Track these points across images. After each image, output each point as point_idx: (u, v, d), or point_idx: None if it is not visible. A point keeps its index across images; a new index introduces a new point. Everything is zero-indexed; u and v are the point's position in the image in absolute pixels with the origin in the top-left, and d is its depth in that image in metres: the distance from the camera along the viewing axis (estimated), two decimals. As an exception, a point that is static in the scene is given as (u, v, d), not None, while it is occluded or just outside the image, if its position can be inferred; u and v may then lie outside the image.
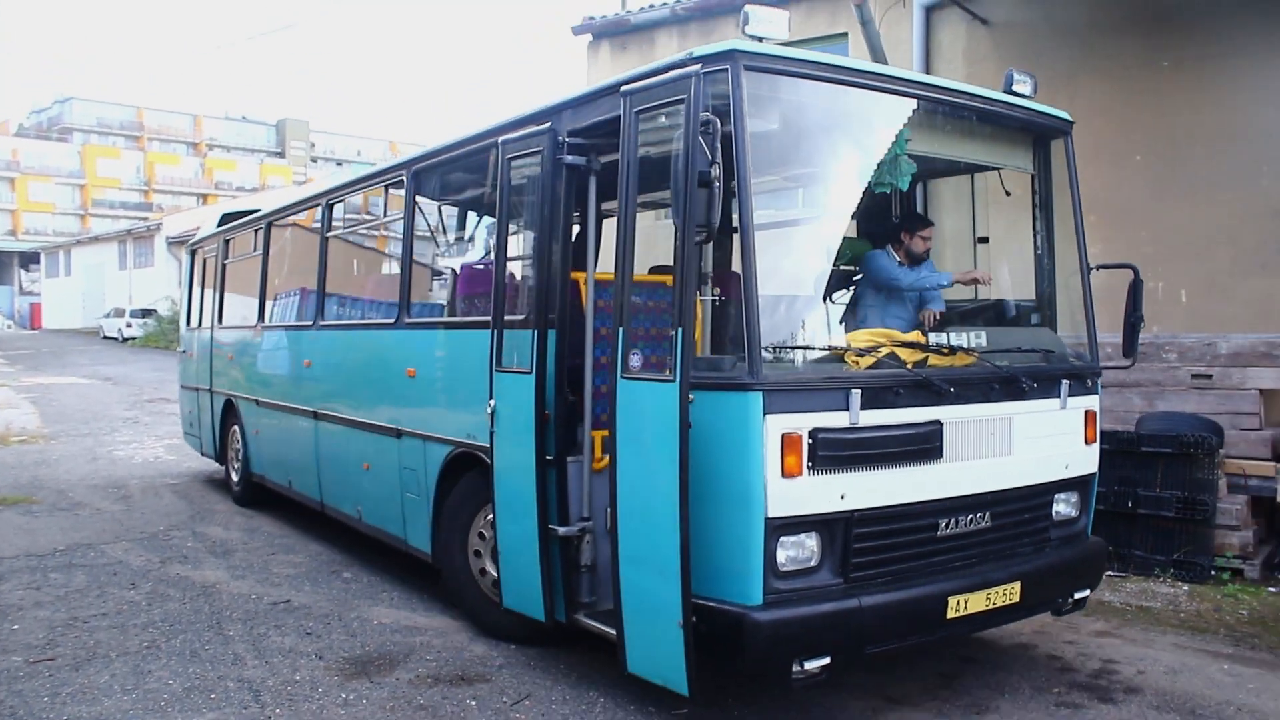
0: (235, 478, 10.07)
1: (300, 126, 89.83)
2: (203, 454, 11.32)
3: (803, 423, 4.09)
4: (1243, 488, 7.32)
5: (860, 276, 5.64)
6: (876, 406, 4.28)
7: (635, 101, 4.24)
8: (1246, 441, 7.45)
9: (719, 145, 3.93)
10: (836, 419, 4.17)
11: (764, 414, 4.01)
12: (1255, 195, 8.40)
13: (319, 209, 7.99)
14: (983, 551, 4.71)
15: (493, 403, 5.23)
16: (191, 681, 5.07)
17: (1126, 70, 8.79)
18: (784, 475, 4.04)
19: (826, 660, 4.13)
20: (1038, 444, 4.90)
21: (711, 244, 4.14)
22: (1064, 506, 5.15)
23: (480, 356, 5.48)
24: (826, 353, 4.36)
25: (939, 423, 4.45)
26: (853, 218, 5.21)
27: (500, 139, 5.29)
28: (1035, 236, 5.54)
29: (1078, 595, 5.15)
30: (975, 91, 4.95)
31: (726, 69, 4.06)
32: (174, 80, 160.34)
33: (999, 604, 4.64)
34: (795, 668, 4.08)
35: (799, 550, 4.18)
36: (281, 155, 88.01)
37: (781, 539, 4.10)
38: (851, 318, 5.39)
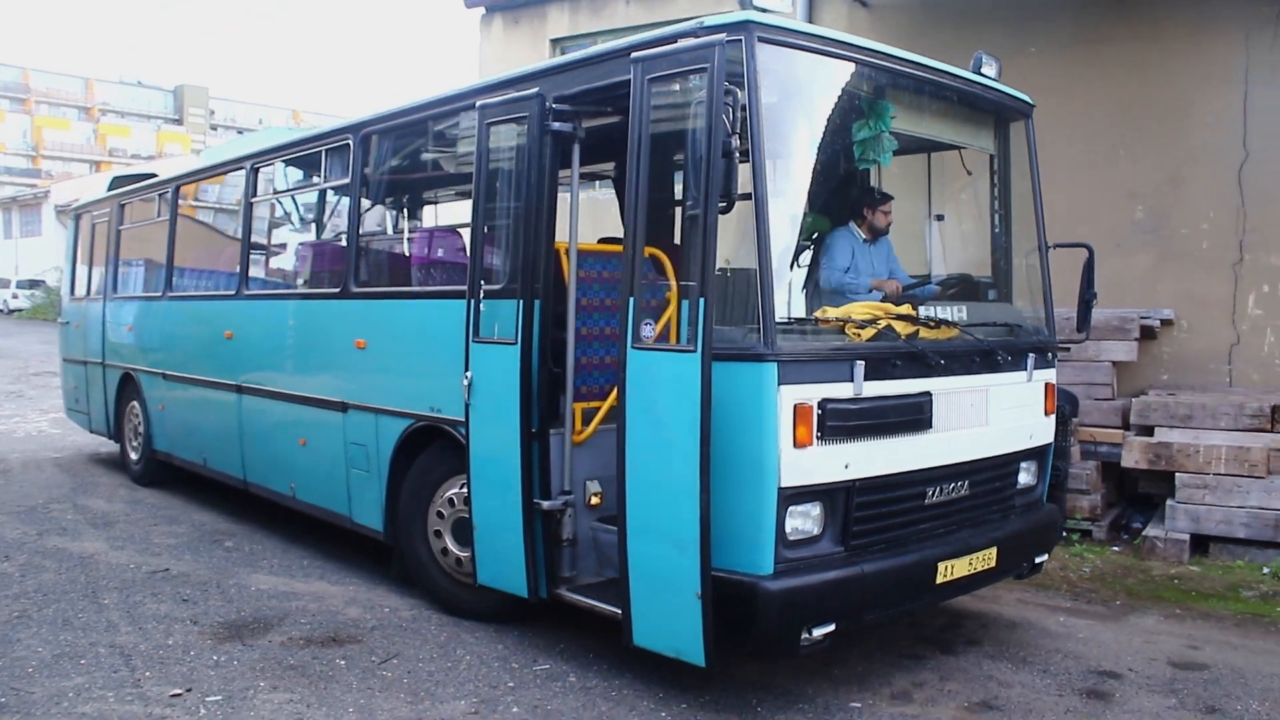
0: (135, 456, 9.51)
1: (199, 93, 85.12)
2: (91, 430, 10.66)
3: (813, 393, 4.13)
4: (1094, 454, 7.89)
5: (815, 251, 5.73)
6: (877, 378, 4.35)
7: (648, 69, 4.17)
8: (1100, 410, 8.03)
9: (736, 116, 3.92)
10: (842, 390, 4.23)
11: (778, 385, 4.03)
12: (1113, 177, 8.88)
13: (243, 173, 7.58)
14: (962, 518, 4.87)
15: (469, 375, 5.09)
16: (61, 649, 5.05)
17: (995, 55, 9.16)
18: (795, 445, 4.08)
19: (832, 627, 4.21)
20: (1008, 415, 5.09)
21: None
22: (1026, 475, 5.37)
23: (449, 327, 5.33)
24: (831, 325, 4.39)
25: (929, 394, 4.57)
26: (834, 193, 5.27)
27: (478, 103, 5.12)
28: (994, 215, 5.72)
29: (1038, 559, 5.39)
30: (957, 72, 5.07)
31: (741, 39, 4.03)
32: (64, 41, 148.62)
33: (979, 569, 4.81)
34: (804, 635, 4.14)
35: (805, 520, 4.23)
36: (179, 122, 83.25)
37: (791, 509, 4.14)
38: (814, 293, 5.45)
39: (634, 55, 4.23)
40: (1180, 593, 6.41)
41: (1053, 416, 5.48)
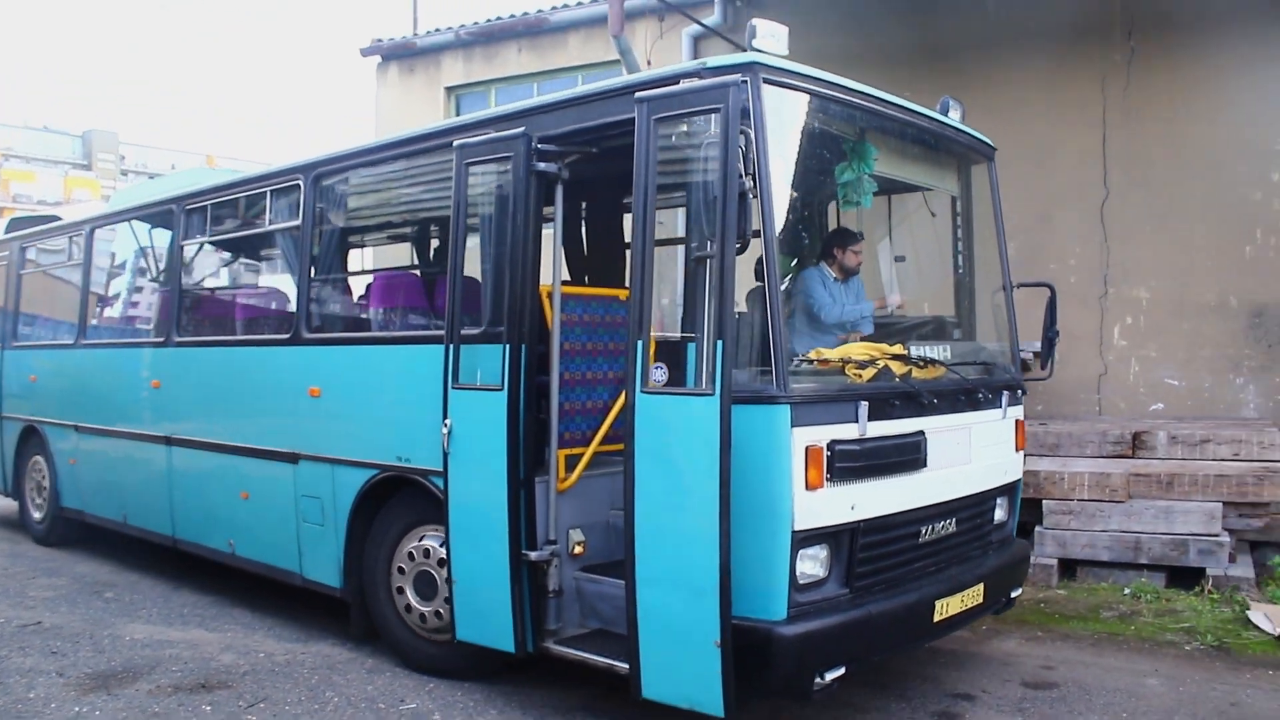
0: (38, 514, 8.88)
1: (108, 138, 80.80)
2: (-17, 489, 9.94)
3: (822, 435, 4.10)
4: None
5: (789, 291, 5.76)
6: (877, 418, 4.35)
7: (655, 109, 4.11)
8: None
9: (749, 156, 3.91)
10: (848, 431, 4.21)
11: (791, 427, 3.99)
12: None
13: (173, 214, 7.21)
14: (950, 556, 4.90)
15: (449, 422, 4.89)
16: (-90, 709, 4.86)
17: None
18: (807, 488, 4.04)
19: (842, 670, 4.15)
20: (986, 452, 5.16)
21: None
22: (1000, 511, 5.44)
23: (420, 373, 5.17)
24: (831, 365, 4.38)
25: (923, 433, 4.60)
26: (807, 233, 5.32)
27: (456, 142, 4.99)
28: (957, 256, 5.84)
29: (1013, 594, 5.45)
30: (933, 115, 5.17)
31: (747, 80, 4.02)
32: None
33: (969, 605, 4.83)
34: (816, 680, 4.07)
35: (814, 563, 4.18)
36: (88, 168, 79.01)
37: (801, 552, 4.08)
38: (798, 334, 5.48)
39: (639, 95, 4.17)
40: (1045, 615, 6.58)
41: (1022, 453, 5.59)
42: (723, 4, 10.14)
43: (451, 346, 4.92)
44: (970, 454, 4.99)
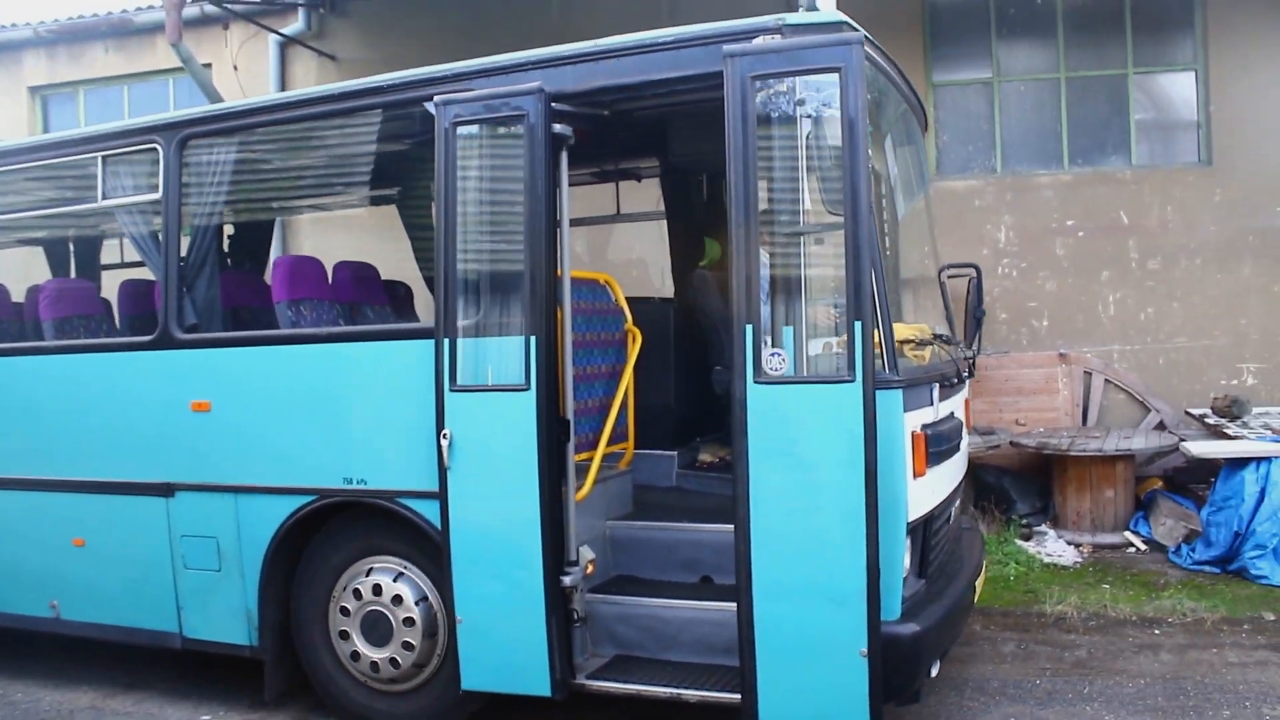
0: None
1: None
2: None
3: (916, 420, 3.90)
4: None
5: None
6: (940, 401, 4.23)
7: (752, 65, 3.65)
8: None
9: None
10: (926, 415, 4.05)
11: (903, 412, 3.75)
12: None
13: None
14: (953, 541, 4.88)
15: (448, 432, 4.12)
16: None
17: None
18: (915, 476, 3.82)
19: (939, 664, 4.00)
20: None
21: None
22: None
23: (387, 375, 4.40)
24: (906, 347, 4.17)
25: (954, 414, 4.54)
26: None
27: (439, 98, 4.19)
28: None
29: (980, 579, 5.55)
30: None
31: (864, 42, 3.68)
32: None
33: (979, 589, 4.84)
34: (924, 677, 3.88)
35: (908, 556, 3.97)
36: None
37: (908, 544, 3.87)
38: None
39: (729, 50, 3.69)
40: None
41: (972, 433, 5.72)
42: (306, 13, 10.05)
43: (447, 341, 4.14)
44: (963, 435, 5.01)
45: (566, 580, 4.10)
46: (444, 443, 4.12)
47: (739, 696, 3.75)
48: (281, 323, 4.92)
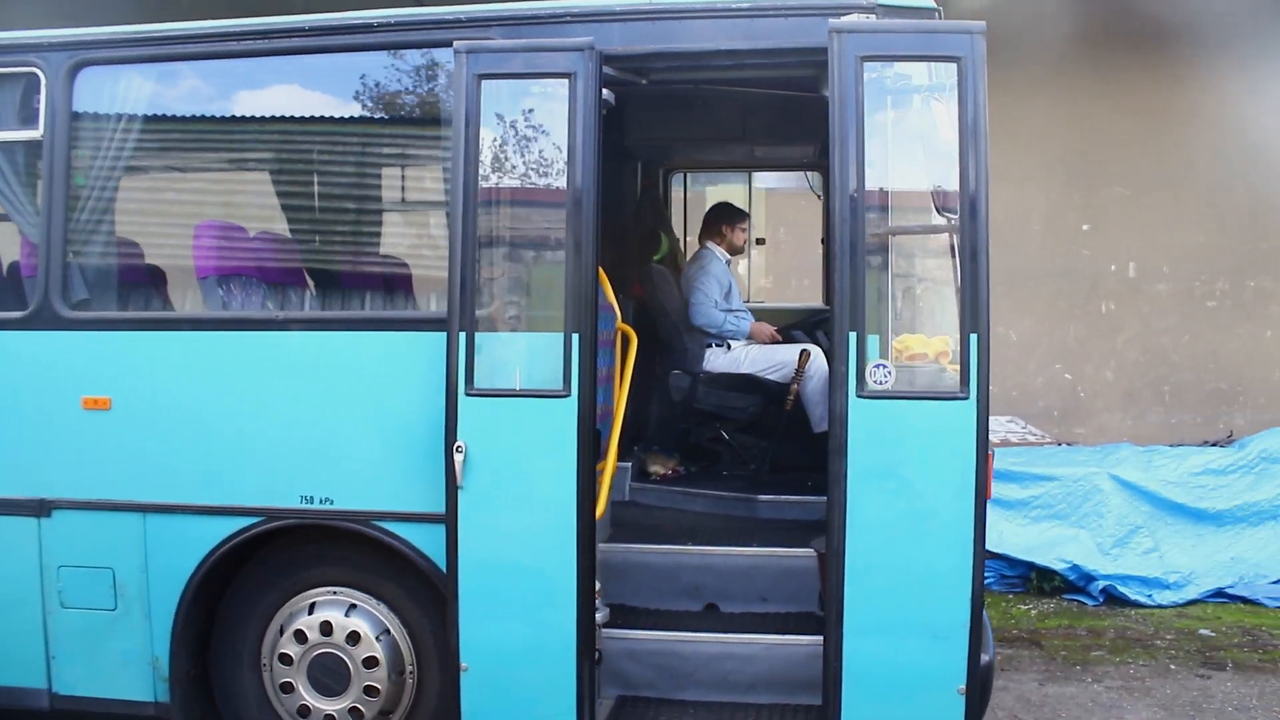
0: None
1: None
2: None
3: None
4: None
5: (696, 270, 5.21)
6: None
7: (863, 45, 3.25)
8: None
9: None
10: (983, 433, 3.85)
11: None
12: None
13: None
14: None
15: (462, 444, 3.45)
16: None
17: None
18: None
19: (990, 687, 3.81)
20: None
21: None
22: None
23: (370, 374, 3.68)
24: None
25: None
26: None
27: (460, 45, 3.48)
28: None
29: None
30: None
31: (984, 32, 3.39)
32: None
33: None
34: None
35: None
36: None
37: None
38: None
39: (836, 25, 3.28)
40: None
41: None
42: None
43: (464, 335, 3.46)
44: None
45: (599, 617, 3.56)
46: (458, 457, 3.44)
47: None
48: (209, 303, 3.98)
